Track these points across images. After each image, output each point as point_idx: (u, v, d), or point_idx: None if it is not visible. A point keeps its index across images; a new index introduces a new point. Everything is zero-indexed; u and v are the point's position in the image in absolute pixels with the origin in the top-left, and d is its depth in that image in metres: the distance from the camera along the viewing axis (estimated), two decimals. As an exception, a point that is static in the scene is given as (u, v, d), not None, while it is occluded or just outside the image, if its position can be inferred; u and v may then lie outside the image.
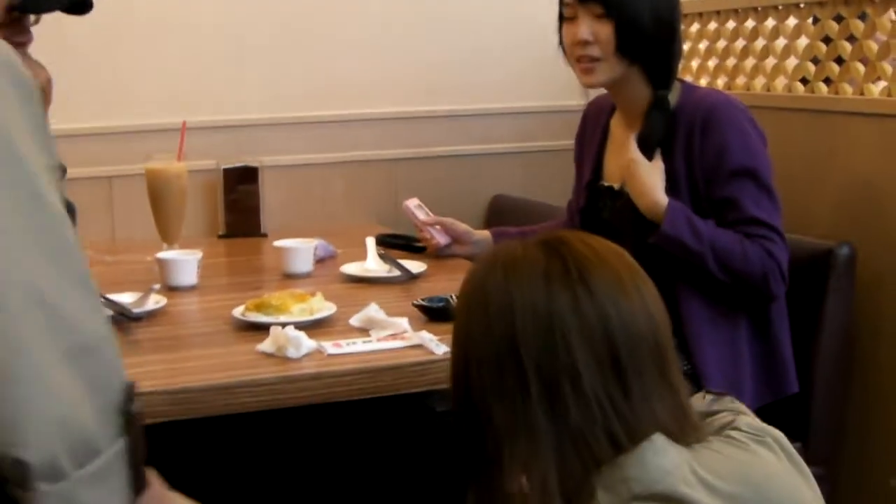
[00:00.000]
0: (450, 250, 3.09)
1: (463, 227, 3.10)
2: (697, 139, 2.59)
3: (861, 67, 3.00)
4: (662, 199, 2.57)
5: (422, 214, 3.09)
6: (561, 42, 2.72)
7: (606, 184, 2.82)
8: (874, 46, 2.94)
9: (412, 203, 3.13)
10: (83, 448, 1.21)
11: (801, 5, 3.21)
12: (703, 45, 3.66)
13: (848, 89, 3.05)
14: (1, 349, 1.17)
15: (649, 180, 2.60)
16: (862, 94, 2.98)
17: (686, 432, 1.46)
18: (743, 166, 2.56)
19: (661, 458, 1.40)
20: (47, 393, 1.19)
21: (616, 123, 2.84)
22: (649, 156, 2.63)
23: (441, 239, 3.05)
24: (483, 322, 1.46)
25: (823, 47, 3.13)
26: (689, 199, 2.60)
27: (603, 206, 2.81)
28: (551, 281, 1.44)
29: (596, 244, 1.52)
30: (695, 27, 3.68)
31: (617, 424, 1.40)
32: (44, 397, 1.19)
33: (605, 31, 2.61)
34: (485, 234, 3.14)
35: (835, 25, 3.08)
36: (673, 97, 2.68)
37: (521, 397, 1.41)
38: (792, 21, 3.25)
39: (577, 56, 2.66)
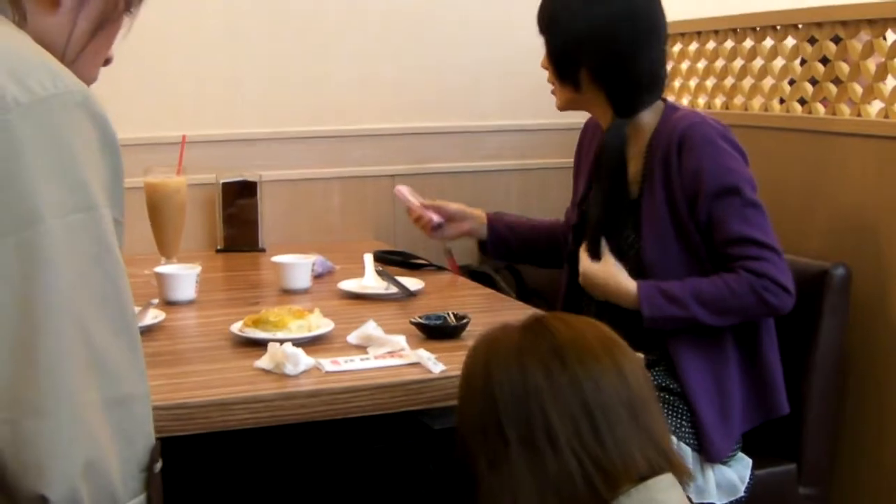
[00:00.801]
0: (443, 231, 3.16)
1: (454, 206, 3.19)
2: (674, 163, 2.60)
3: (859, 88, 3.01)
4: (629, 288, 2.61)
5: (414, 199, 3.15)
6: None
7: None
8: (871, 67, 2.96)
9: (404, 188, 3.17)
10: (105, 497, 1.22)
11: (800, 26, 3.22)
12: (700, 65, 3.67)
13: (845, 110, 3.06)
14: (43, 379, 1.19)
15: (611, 282, 2.64)
16: (859, 115, 3.00)
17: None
18: (722, 186, 2.56)
19: (674, 491, 1.55)
20: (80, 434, 1.20)
21: None
22: (606, 175, 2.70)
23: (434, 217, 3.11)
24: (469, 397, 1.67)
25: (821, 68, 3.14)
26: (671, 222, 2.61)
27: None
28: (524, 356, 1.60)
29: (570, 319, 1.69)
30: (693, 46, 3.69)
31: (595, 475, 1.55)
32: (76, 438, 1.20)
33: (546, 58, 2.76)
34: (478, 212, 3.20)
35: (832, 46, 3.09)
36: (653, 119, 2.71)
37: (505, 459, 1.57)
38: (790, 41, 3.27)
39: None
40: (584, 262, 2.70)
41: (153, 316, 2.51)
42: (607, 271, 2.65)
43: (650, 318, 2.55)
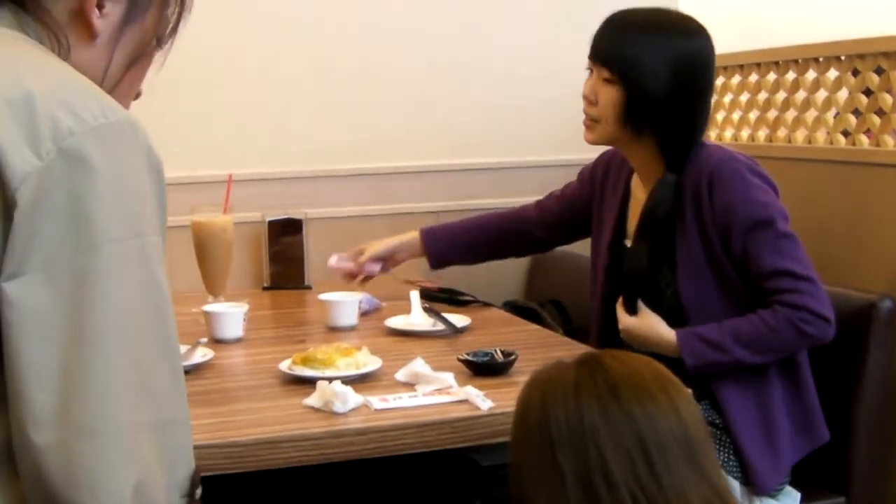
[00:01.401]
0: (387, 271, 3.25)
1: (381, 246, 3.25)
2: (705, 200, 2.59)
3: (902, 120, 3.01)
4: (669, 339, 2.60)
5: (348, 262, 3.22)
6: None
7: (628, 244, 2.81)
8: (915, 99, 2.95)
9: (334, 259, 3.23)
10: None
11: (842, 58, 3.22)
12: (744, 97, 3.67)
13: (889, 141, 3.05)
14: (93, 400, 1.21)
15: (652, 334, 2.64)
16: (903, 146, 2.99)
17: None
18: (754, 219, 2.56)
19: None
20: (131, 455, 1.23)
21: (636, 183, 2.85)
22: (651, 232, 2.66)
23: (374, 268, 3.19)
24: (525, 435, 1.63)
25: (864, 99, 3.14)
26: (707, 261, 2.61)
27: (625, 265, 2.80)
28: (581, 393, 1.58)
29: (624, 357, 1.67)
30: (736, 79, 3.69)
31: None
32: (127, 459, 1.23)
33: (608, 94, 2.64)
34: (407, 236, 3.27)
35: (875, 78, 3.09)
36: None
37: (562, 498, 1.54)
38: (833, 73, 3.26)
39: (584, 109, 2.72)
40: (623, 318, 2.70)
41: (202, 354, 2.53)
42: (646, 324, 2.65)
43: (693, 366, 2.55)
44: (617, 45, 2.65)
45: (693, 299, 2.63)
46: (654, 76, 2.59)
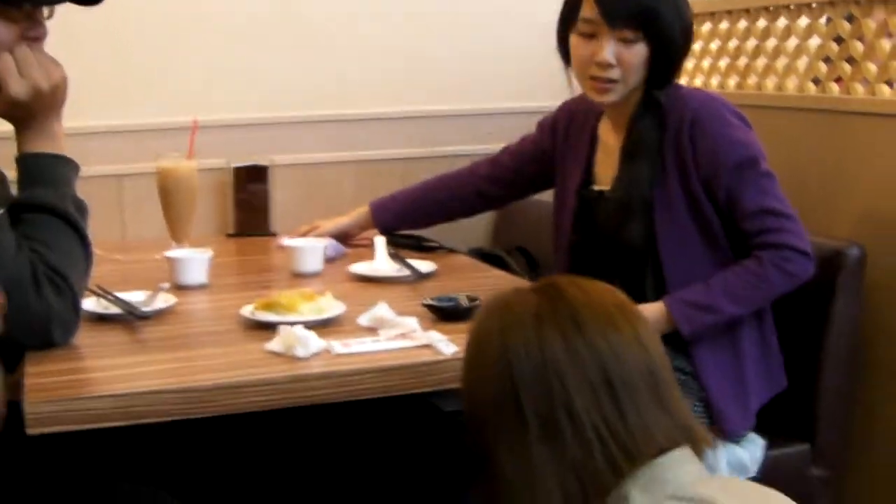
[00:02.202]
0: (345, 249, 3.16)
1: (329, 226, 3.24)
2: (686, 142, 2.58)
3: (873, 68, 2.99)
4: (658, 311, 2.54)
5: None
6: (564, 47, 2.69)
7: (596, 188, 2.79)
8: (886, 46, 2.93)
9: (283, 241, 3.15)
10: None
11: (813, 5, 3.20)
12: (714, 45, 3.65)
13: (859, 89, 3.04)
14: None
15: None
16: (873, 94, 2.98)
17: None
18: (738, 159, 2.55)
19: (690, 465, 1.50)
20: None
21: (604, 128, 2.81)
22: (634, 162, 2.62)
23: (332, 252, 3.07)
24: (482, 370, 1.57)
25: (835, 47, 3.12)
26: (683, 195, 2.59)
27: (599, 211, 2.77)
28: (542, 323, 1.52)
29: (586, 285, 1.61)
30: (706, 26, 3.67)
31: (615, 448, 1.48)
32: None
33: (631, 54, 2.56)
34: (359, 211, 3.26)
35: (846, 25, 3.07)
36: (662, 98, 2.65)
37: (522, 440, 1.50)
38: (804, 21, 3.24)
39: (593, 75, 2.61)
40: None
41: (164, 300, 2.50)
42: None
43: (691, 333, 2.53)
44: (634, 3, 2.54)
45: (671, 245, 2.60)
46: (671, 26, 2.55)
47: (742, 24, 3.50)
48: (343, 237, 3.21)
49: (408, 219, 3.23)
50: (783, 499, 1.53)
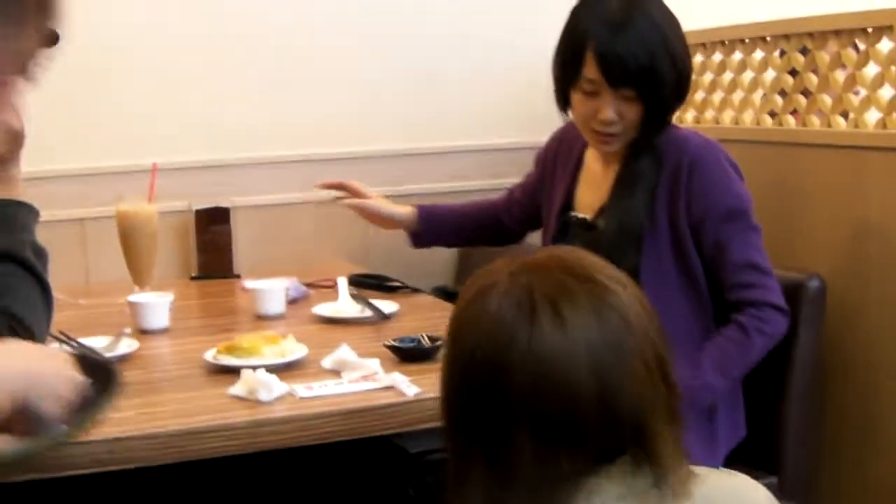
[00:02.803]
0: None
1: (382, 206, 3.11)
2: (683, 184, 2.57)
3: (828, 99, 3.02)
4: None
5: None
6: (562, 97, 2.68)
7: (579, 215, 2.77)
8: (840, 78, 2.96)
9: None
10: None
11: (768, 38, 3.23)
12: (671, 79, 3.67)
13: (815, 121, 3.07)
14: None
15: None
16: (829, 126, 3.00)
17: None
18: (731, 210, 2.56)
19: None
20: None
21: (592, 155, 2.80)
22: (631, 194, 2.62)
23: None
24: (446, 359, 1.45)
25: (790, 80, 3.15)
26: (670, 234, 2.59)
27: (574, 237, 2.75)
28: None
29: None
30: (663, 61, 3.69)
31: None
32: None
33: (632, 111, 2.57)
34: (407, 210, 3.12)
35: (801, 58, 3.10)
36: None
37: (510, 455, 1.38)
38: (759, 54, 3.27)
39: (596, 129, 2.61)
40: None
41: (127, 345, 2.50)
42: None
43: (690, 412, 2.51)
44: (639, 65, 2.53)
45: (652, 281, 2.58)
46: (667, 84, 2.56)
47: (698, 58, 3.52)
48: (378, 219, 3.12)
49: (443, 233, 3.18)
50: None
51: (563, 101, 2.70)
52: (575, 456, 1.35)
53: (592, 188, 2.76)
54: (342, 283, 3.00)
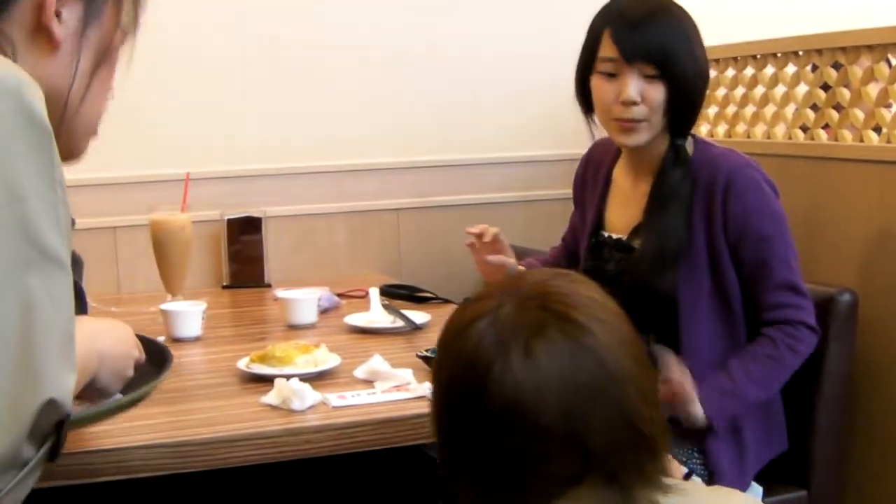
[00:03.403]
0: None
1: (511, 267, 2.86)
2: (719, 204, 2.53)
3: (860, 114, 3.02)
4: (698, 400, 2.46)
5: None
6: (583, 94, 2.65)
7: (613, 235, 2.73)
8: (873, 93, 2.96)
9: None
10: None
11: (800, 53, 3.23)
12: (703, 93, 3.67)
13: (847, 136, 3.06)
14: None
15: (690, 396, 2.45)
16: (861, 140, 3.00)
17: None
18: (769, 230, 2.54)
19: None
20: None
21: (620, 172, 2.76)
22: (666, 211, 2.59)
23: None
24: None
25: (823, 94, 3.15)
26: (707, 256, 2.56)
27: (609, 258, 2.72)
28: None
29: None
30: (695, 75, 3.69)
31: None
32: None
33: (655, 91, 2.52)
34: (521, 268, 2.94)
35: (833, 72, 3.10)
36: (688, 148, 2.62)
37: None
38: (791, 68, 3.27)
39: (618, 116, 2.55)
40: (676, 370, 2.44)
41: (159, 353, 2.51)
42: (689, 382, 2.44)
43: (720, 424, 2.49)
44: (653, 40, 2.52)
45: (689, 299, 2.56)
46: (688, 67, 2.53)
47: (730, 72, 3.52)
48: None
49: None
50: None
51: (585, 99, 2.65)
52: (544, 481, 1.37)
53: (623, 206, 2.73)
54: (374, 293, 3.01)
